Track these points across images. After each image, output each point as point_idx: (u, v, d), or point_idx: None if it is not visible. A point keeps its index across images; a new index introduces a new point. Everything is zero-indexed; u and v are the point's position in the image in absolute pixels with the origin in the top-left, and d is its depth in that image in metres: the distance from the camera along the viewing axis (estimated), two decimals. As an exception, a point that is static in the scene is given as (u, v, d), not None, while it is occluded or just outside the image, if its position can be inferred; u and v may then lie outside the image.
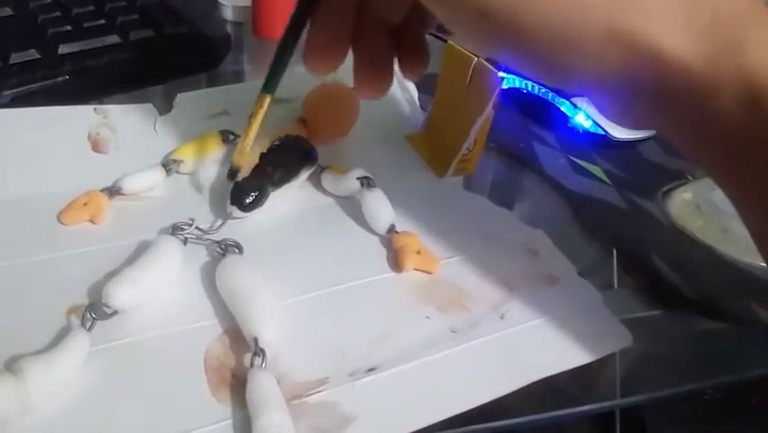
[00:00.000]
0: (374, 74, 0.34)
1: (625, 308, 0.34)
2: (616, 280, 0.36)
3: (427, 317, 0.31)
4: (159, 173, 0.37)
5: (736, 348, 0.34)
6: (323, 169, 0.39)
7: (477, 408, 0.27)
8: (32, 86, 0.43)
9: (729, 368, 0.33)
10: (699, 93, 0.23)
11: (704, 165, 0.25)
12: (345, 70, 0.46)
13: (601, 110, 0.27)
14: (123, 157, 0.39)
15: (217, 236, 0.34)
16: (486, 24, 0.24)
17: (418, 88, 0.49)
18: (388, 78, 0.34)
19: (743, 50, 0.22)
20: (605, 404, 0.31)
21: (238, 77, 0.55)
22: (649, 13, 0.22)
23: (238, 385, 0.26)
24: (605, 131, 0.48)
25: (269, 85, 0.35)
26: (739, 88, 0.22)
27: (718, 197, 0.42)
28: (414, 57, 0.34)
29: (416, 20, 0.33)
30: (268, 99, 0.36)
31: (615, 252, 0.39)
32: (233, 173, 0.36)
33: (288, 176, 0.37)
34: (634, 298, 0.35)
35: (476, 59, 0.39)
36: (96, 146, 0.39)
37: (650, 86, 0.23)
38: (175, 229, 0.33)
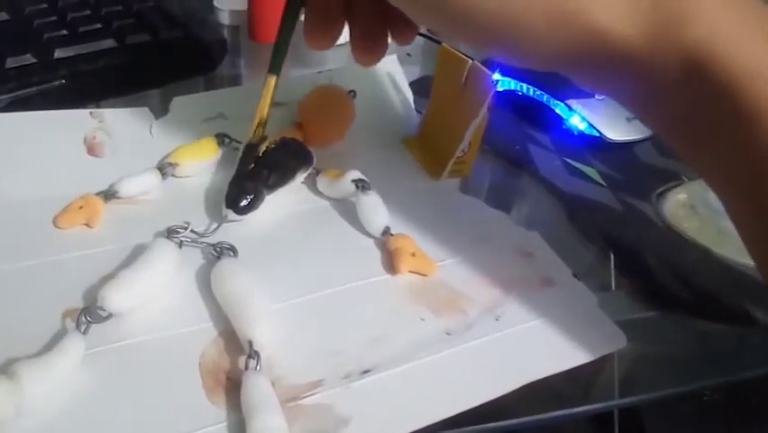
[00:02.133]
0: (369, 41, 0.34)
1: (621, 309, 0.34)
2: (612, 282, 0.37)
3: (422, 319, 0.31)
4: (154, 177, 0.38)
5: (733, 349, 0.34)
6: (318, 171, 0.39)
7: (475, 409, 0.27)
8: (28, 90, 0.43)
9: (726, 368, 0.33)
10: (642, 67, 0.23)
11: (660, 131, 0.26)
12: (340, 75, 0.46)
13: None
14: (119, 161, 0.39)
15: (212, 239, 0.34)
16: (440, 14, 0.25)
17: (413, 91, 0.49)
18: (382, 44, 0.35)
19: (683, 24, 0.23)
20: (603, 405, 0.31)
21: (234, 80, 0.55)
22: None
23: (233, 388, 0.26)
24: (600, 133, 0.48)
25: (274, 66, 0.37)
26: (680, 63, 0.23)
27: (713, 197, 0.42)
28: (404, 23, 0.34)
29: None
30: (274, 80, 0.37)
31: (610, 253, 0.39)
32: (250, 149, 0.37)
33: (283, 179, 0.37)
34: (630, 299, 0.35)
35: (471, 61, 0.40)
36: (92, 150, 0.39)
37: (595, 63, 0.24)
38: (170, 232, 0.33)
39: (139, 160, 0.39)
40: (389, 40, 0.35)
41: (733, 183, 0.24)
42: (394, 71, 0.49)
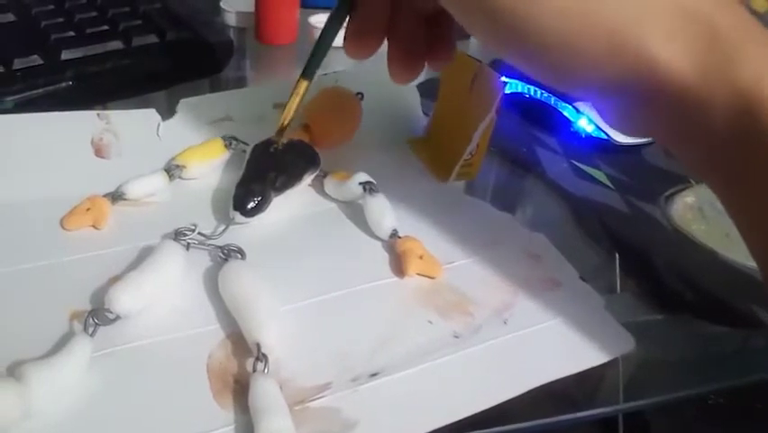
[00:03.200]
0: (406, 60, 0.35)
1: (628, 312, 0.33)
2: (619, 285, 0.36)
3: (430, 322, 0.31)
4: (161, 178, 0.38)
5: (740, 352, 0.34)
6: (325, 174, 0.39)
7: (481, 412, 0.27)
8: (36, 91, 0.43)
9: (733, 372, 0.33)
10: (693, 103, 0.24)
11: (696, 170, 0.26)
12: (347, 77, 0.46)
13: (601, 114, 0.28)
14: (126, 162, 0.39)
15: (220, 241, 0.34)
16: (495, 28, 0.25)
17: (421, 93, 0.49)
18: (419, 64, 0.35)
19: (736, 66, 0.23)
20: (608, 409, 0.31)
21: (241, 82, 0.55)
22: (650, 26, 0.23)
23: (240, 390, 0.26)
24: (607, 135, 0.48)
25: (308, 71, 0.37)
26: (731, 101, 0.23)
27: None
28: (440, 48, 0.35)
29: (446, 13, 0.34)
30: (305, 85, 0.37)
31: (618, 256, 0.38)
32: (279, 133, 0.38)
33: (290, 181, 0.37)
34: (637, 302, 0.35)
35: (479, 63, 0.39)
36: (99, 151, 0.40)
37: (647, 93, 0.24)
38: (177, 234, 0.33)
39: (146, 161, 0.39)
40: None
41: (760, 222, 0.24)
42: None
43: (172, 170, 0.38)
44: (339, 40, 0.59)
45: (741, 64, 0.23)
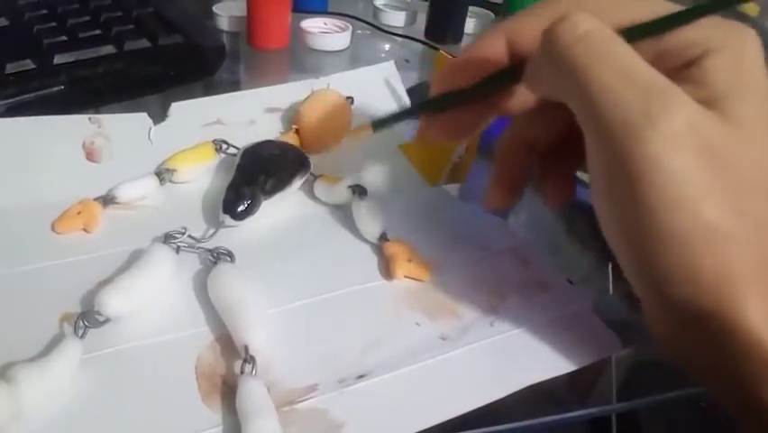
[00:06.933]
0: (503, 187, 0.34)
1: (619, 313, 0.34)
2: (610, 287, 0.37)
3: (417, 324, 0.31)
4: (152, 182, 0.38)
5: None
6: (315, 177, 0.39)
7: (472, 412, 0.27)
8: (28, 95, 0.44)
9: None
10: (757, 356, 0.24)
11: (724, 401, 0.26)
12: (338, 79, 0.46)
13: (651, 316, 0.28)
14: (118, 166, 0.39)
15: (209, 245, 0.34)
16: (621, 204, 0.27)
17: (411, 97, 0.49)
18: (515, 194, 0.34)
19: None
20: (601, 409, 0.31)
21: (233, 86, 0.55)
22: (744, 276, 0.23)
23: (229, 392, 0.27)
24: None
25: (380, 126, 0.35)
26: None
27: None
28: (557, 188, 0.34)
29: (566, 155, 0.33)
30: (368, 132, 0.35)
31: (608, 257, 0.39)
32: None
33: (280, 184, 0.37)
34: (627, 303, 0.35)
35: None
36: (91, 155, 0.40)
37: (713, 328, 0.24)
38: (168, 237, 0.33)
39: (137, 165, 0.39)
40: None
41: None
42: (391, 77, 0.49)
43: (163, 173, 0.38)
44: (337, 44, 0.60)
45: None
